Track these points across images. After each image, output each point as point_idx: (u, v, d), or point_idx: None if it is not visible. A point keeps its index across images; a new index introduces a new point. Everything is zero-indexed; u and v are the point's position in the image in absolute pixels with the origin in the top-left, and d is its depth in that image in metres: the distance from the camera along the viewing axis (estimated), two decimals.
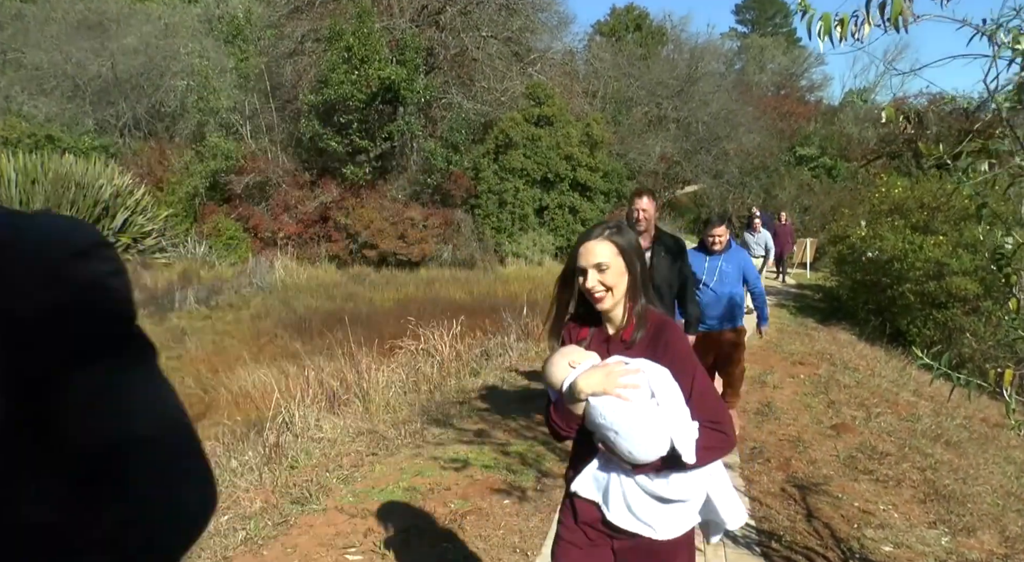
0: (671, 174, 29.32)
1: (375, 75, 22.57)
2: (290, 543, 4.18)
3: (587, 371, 2.09)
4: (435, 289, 19.72)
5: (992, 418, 8.44)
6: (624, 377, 2.03)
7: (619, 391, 2.02)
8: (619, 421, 1.99)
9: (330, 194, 23.97)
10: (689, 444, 1.99)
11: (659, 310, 2.25)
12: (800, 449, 6.17)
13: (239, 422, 7.48)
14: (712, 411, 2.09)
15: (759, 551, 4.26)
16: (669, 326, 2.18)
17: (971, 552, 4.44)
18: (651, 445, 1.99)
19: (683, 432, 1.99)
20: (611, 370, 2.06)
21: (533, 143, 23.84)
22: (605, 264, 2.12)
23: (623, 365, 2.08)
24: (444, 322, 9.82)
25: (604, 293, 2.14)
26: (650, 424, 1.98)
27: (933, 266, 13.17)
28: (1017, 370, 2.30)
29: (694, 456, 1.99)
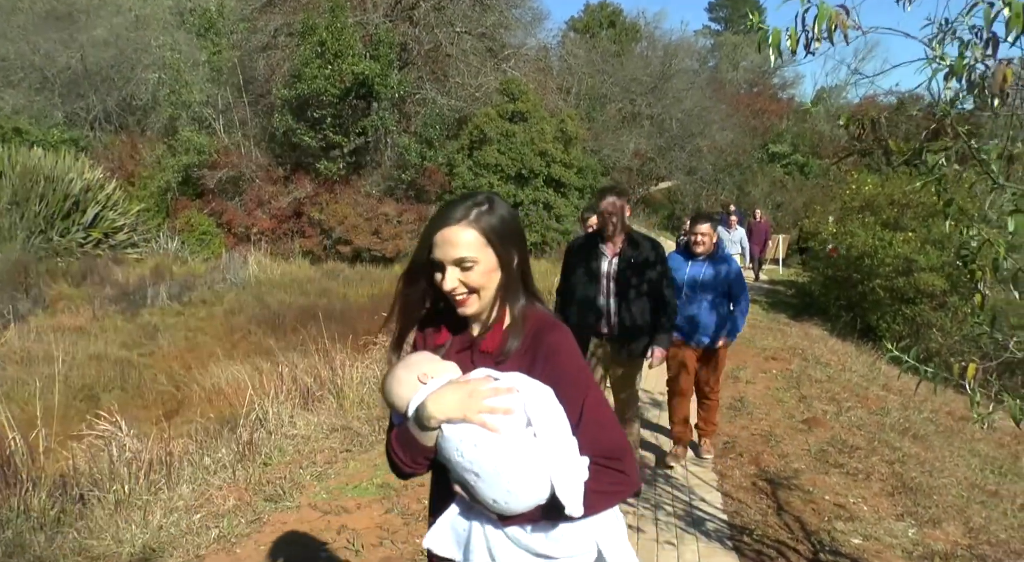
0: (645, 170, 29.46)
1: (349, 70, 22.42)
2: (263, 541, 4.16)
3: (441, 389, 1.60)
4: None
5: (958, 411, 8.58)
6: (491, 398, 1.55)
7: (483, 417, 1.53)
8: (482, 459, 1.52)
9: (304, 189, 23.79)
10: (575, 488, 1.52)
11: (544, 310, 1.77)
12: (772, 443, 6.24)
13: (212, 419, 7.42)
14: (608, 443, 1.61)
15: (731, 545, 4.30)
16: (553, 329, 1.70)
17: (936, 543, 4.51)
18: (525, 490, 1.52)
19: (567, 472, 1.52)
20: (474, 389, 1.57)
21: (507, 139, 23.81)
22: (470, 259, 1.63)
23: (491, 381, 1.60)
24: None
25: (467, 296, 1.67)
26: (523, 463, 1.51)
27: (902, 262, 13.36)
28: (981, 364, 2.34)
29: (580, 504, 1.51)
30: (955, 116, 2.37)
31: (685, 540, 4.35)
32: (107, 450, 5.35)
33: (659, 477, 5.37)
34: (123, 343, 13.71)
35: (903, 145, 2.69)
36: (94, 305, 16.46)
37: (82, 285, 18.45)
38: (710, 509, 4.77)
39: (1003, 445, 7.81)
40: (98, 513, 4.50)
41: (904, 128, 23.53)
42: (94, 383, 11.03)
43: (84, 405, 9.44)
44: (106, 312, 16.09)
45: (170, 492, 4.80)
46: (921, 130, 12.71)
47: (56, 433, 6.43)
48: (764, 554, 4.18)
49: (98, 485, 4.88)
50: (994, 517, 5.28)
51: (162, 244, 22.93)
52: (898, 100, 26.04)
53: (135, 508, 4.51)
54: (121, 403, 8.30)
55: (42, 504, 4.62)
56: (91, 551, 4.07)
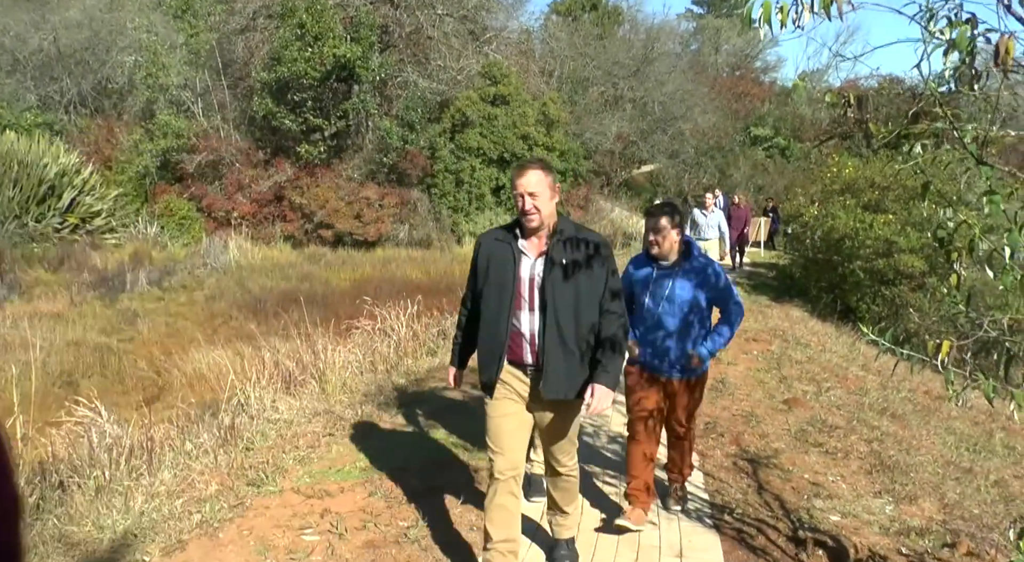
0: (627, 154, 29.44)
1: (329, 53, 22.22)
2: (246, 525, 4.16)
3: None
4: (391, 269, 19.60)
5: (935, 391, 8.70)
6: None
7: None
8: None
9: (284, 173, 23.63)
10: None
11: None
12: (753, 424, 6.30)
13: (194, 405, 7.38)
14: None
15: (711, 524, 4.35)
16: None
17: (912, 519, 4.59)
18: None
19: None
20: None
21: (489, 122, 23.73)
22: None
23: None
24: (401, 302, 9.76)
25: None
26: None
27: (882, 244, 13.49)
28: (956, 343, 2.37)
29: None
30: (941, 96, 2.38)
31: (666, 519, 4.39)
32: (86, 436, 5.32)
33: None
34: (102, 329, 13.61)
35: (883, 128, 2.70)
36: (72, 291, 16.31)
37: (59, 271, 18.28)
38: (691, 489, 4.81)
39: (978, 423, 7.93)
40: (78, 499, 4.47)
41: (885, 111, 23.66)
42: (72, 369, 10.95)
43: (62, 392, 9.38)
44: (84, 298, 15.96)
45: (151, 478, 4.78)
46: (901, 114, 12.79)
47: (34, 420, 6.39)
48: (744, 532, 4.23)
49: (78, 471, 4.85)
50: (968, 493, 5.37)
51: (141, 229, 22.72)
52: (879, 83, 26.15)
53: (116, 494, 4.49)
54: (100, 389, 8.25)
55: (20, 491, 4.58)
56: (71, 538, 4.06)
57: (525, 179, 3.22)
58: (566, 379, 3.32)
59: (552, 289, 3.26)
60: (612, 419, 6.27)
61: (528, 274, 3.31)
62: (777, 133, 34.02)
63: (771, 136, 33.75)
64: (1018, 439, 7.40)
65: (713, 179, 28.91)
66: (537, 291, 3.30)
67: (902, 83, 24.88)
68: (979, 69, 2.22)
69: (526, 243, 3.35)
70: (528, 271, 3.31)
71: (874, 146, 20.28)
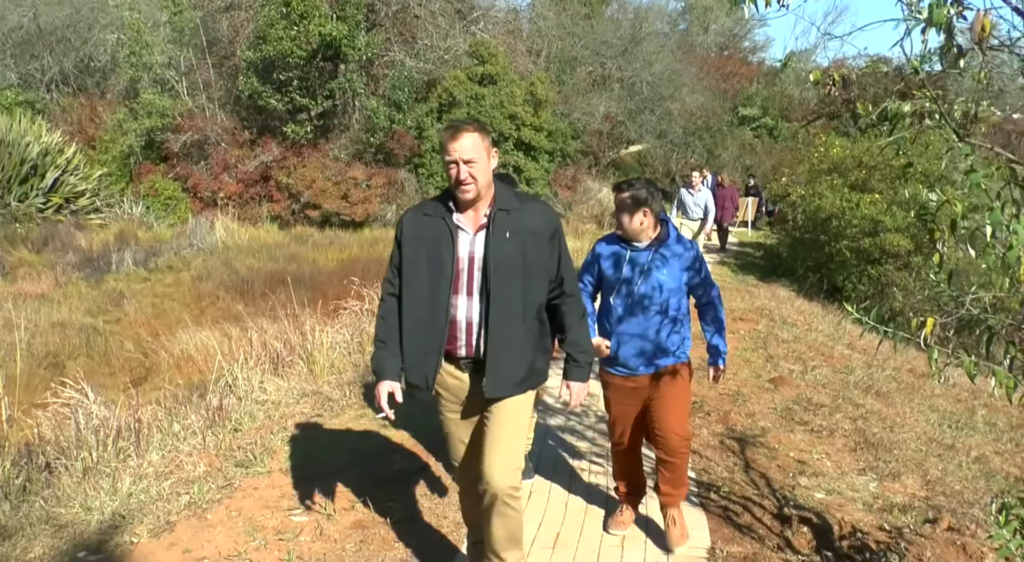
0: (615, 134, 29.33)
1: (315, 31, 22.00)
2: (235, 506, 4.16)
3: None
4: (379, 249, 19.52)
5: (919, 369, 8.78)
6: None
7: None
8: None
9: (271, 153, 23.45)
10: None
11: None
12: (739, 402, 6.35)
13: (181, 386, 7.37)
14: None
15: (698, 502, 4.39)
16: None
17: (896, 496, 4.64)
18: None
19: None
20: None
21: (477, 102, 23.60)
22: None
23: None
24: None
25: None
26: None
27: (869, 223, 13.55)
28: (939, 320, 2.39)
29: None
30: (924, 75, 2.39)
31: (653, 498, 4.42)
32: (73, 418, 5.30)
33: None
34: (88, 310, 13.53)
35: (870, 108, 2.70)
36: (56, 272, 16.19)
37: (43, 251, 18.13)
38: None
39: (960, 401, 8.02)
40: (65, 481, 4.47)
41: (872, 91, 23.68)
42: (58, 351, 10.89)
43: (48, 373, 9.33)
44: (69, 279, 15.84)
45: (139, 459, 4.78)
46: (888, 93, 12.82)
47: (20, 402, 6.37)
48: (730, 510, 4.28)
49: (65, 453, 4.84)
50: (950, 469, 5.44)
51: (126, 209, 22.52)
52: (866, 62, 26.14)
53: (103, 476, 4.49)
54: (87, 371, 8.20)
55: (6, 473, 4.57)
56: (59, 519, 4.05)
57: (459, 143, 2.74)
58: (512, 374, 2.89)
59: (496, 269, 2.81)
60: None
61: (467, 253, 2.85)
62: (765, 113, 33.99)
63: (759, 116, 33.73)
64: (999, 416, 7.49)
65: (701, 159, 28.90)
66: (478, 272, 2.84)
67: (889, 63, 24.87)
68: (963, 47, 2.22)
69: (462, 217, 2.88)
70: (467, 249, 2.85)
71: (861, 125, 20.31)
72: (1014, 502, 2.45)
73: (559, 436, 5.49)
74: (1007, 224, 2.19)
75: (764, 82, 37.61)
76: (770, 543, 3.91)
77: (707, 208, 12.00)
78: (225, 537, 3.83)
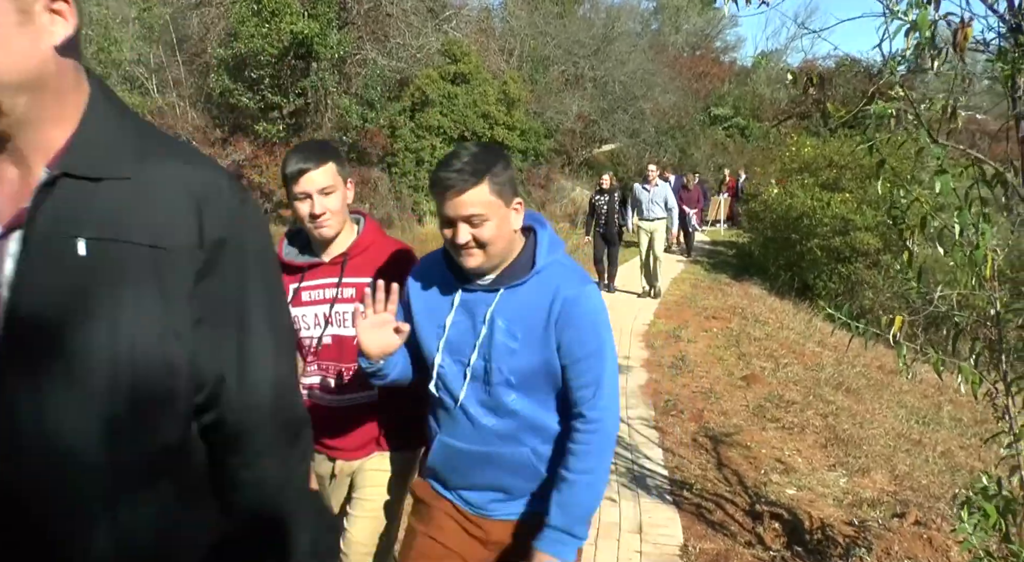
0: (588, 133, 29.41)
1: (287, 29, 21.85)
2: None
3: None
4: None
5: (888, 365, 8.90)
6: None
7: None
8: None
9: (243, 152, 23.24)
10: None
11: None
12: (712, 400, 6.39)
13: None
14: None
15: (671, 500, 4.41)
16: None
17: (865, 491, 4.70)
18: None
19: None
20: None
21: (450, 101, 23.58)
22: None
23: None
24: None
25: None
26: None
27: (839, 222, 13.70)
28: (908, 318, 2.42)
29: None
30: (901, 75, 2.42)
31: (627, 497, 4.44)
32: None
33: None
34: None
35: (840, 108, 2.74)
36: None
37: None
38: (651, 465, 4.87)
39: (927, 396, 8.14)
40: None
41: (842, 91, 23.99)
42: None
43: None
44: None
45: None
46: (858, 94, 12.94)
47: None
48: (703, 507, 4.30)
49: None
50: (917, 464, 5.52)
51: None
52: (837, 63, 26.48)
53: None
54: None
55: None
56: None
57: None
58: None
59: None
60: None
61: None
62: (737, 113, 34.27)
63: (731, 116, 33.99)
64: (964, 411, 7.62)
65: (674, 158, 29.08)
66: None
67: (859, 63, 25.21)
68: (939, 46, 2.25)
69: None
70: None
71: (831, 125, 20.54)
72: (977, 496, 2.49)
73: None
74: (974, 223, 2.22)
75: (736, 82, 37.91)
76: (742, 539, 3.94)
77: (668, 205, 10.75)
78: None
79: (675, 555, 3.78)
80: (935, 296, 2.49)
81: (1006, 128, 2.40)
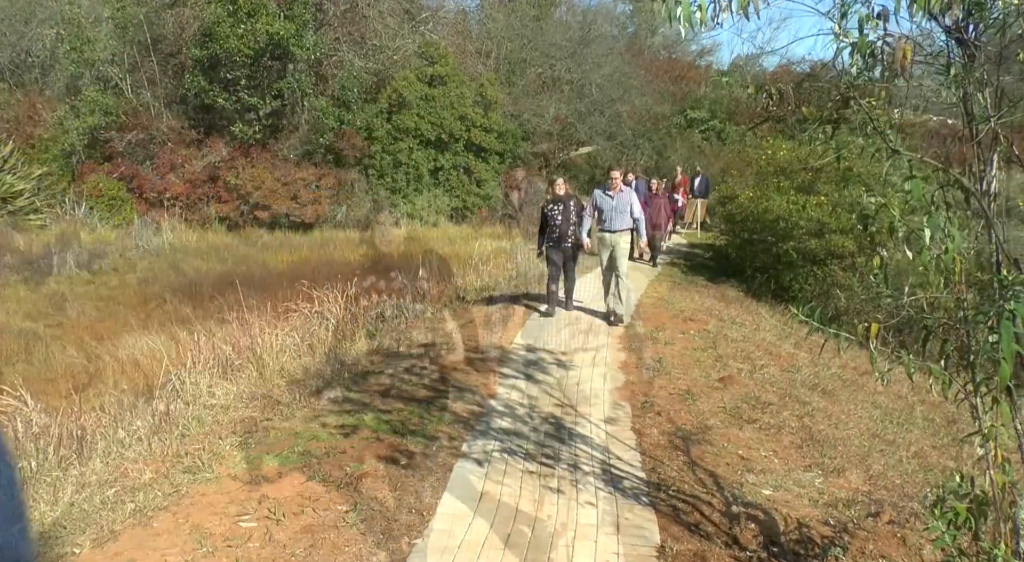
0: (565, 135, 29.48)
1: (263, 30, 21.72)
2: (181, 513, 4.08)
3: None
4: (329, 251, 19.37)
5: (862, 367, 9.00)
6: None
7: None
8: None
9: (219, 153, 23.07)
10: None
11: None
12: (689, 402, 6.43)
13: (126, 391, 7.20)
14: None
15: (647, 502, 4.43)
16: None
17: (840, 491, 4.76)
18: None
19: None
20: None
21: (427, 103, 23.56)
22: None
23: None
24: (338, 284, 9.67)
25: None
26: None
27: (815, 225, 13.84)
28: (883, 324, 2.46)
29: None
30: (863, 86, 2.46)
31: (603, 498, 4.46)
32: (11, 425, 5.14)
33: (576, 438, 5.48)
34: (27, 314, 13.13)
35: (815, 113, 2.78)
36: None
37: None
38: (628, 468, 4.89)
39: (901, 397, 8.24)
40: None
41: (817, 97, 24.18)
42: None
43: None
44: (7, 281, 15.35)
45: (82, 467, 4.66)
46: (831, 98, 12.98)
47: None
48: (679, 509, 4.33)
49: None
50: (891, 464, 5.59)
51: (68, 210, 21.91)
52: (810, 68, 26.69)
53: (44, 485, 4.37)
54: (27, 377, 7.96)
55: None
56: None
57: None
58: None
59: None
60: None
61: None
62: (713, 116, 34.47)
63: (707, 119, 34.17)
64: (936, 411, 7.72)
65: (651, 161, 29.21)
66: None
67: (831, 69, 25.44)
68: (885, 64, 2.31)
69: None
70: None
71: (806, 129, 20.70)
72: (948, 495, 2.53)
73: (507, 437, 5.50)
74: (943, 227, 2.26)
75: (712, 85, 38.14)
76: (718, 540, 3.97)
77: (634, 214, 9.31)
78: (171, 545, 3.75)
79: (652, 556, 3.80)
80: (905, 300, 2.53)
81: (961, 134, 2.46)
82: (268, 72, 23.15)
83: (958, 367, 2.58)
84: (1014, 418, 2.44)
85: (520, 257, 14.55)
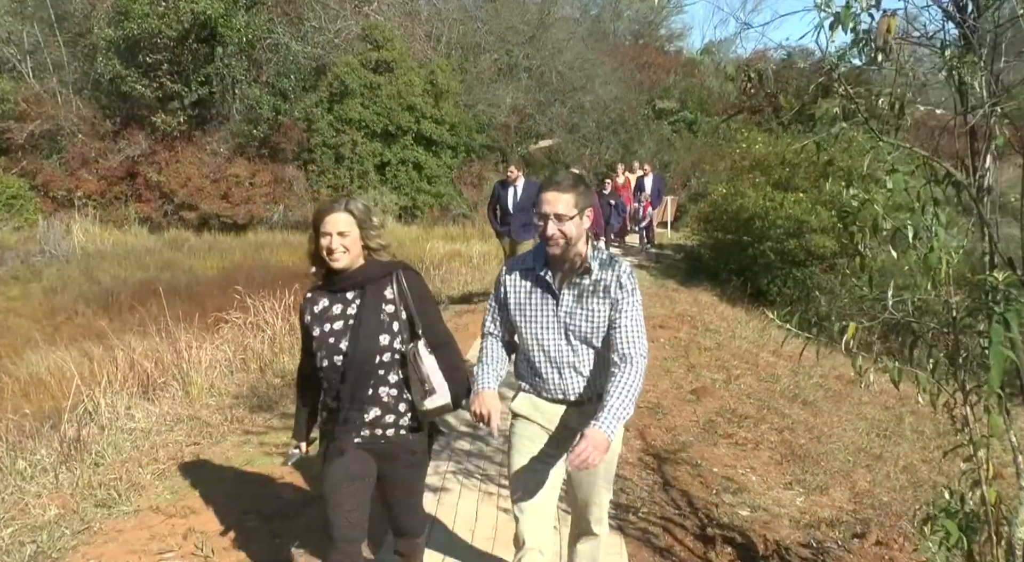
0: (524, 127, 29.56)
1: (186, 8, 21.41)
2: (93, 553, 3.97)
3: None
4: (265, 255, 19.16)
5: (846, 375, 9.14)
6: None
7: None
8: None
9: (138, 146, 22.69)
10: None
11: None
12: (659, 416, 6.46)
13: (29, 416, 7.00)
14: None
15: (615, 525, 4.43)
16: None
17: (823, 510, 4.81)
18: None
19: None
20: None
21: (372, 91, 23.42)
22: None
23: None
24: (276, 292, 9.54)
25: None
26: None
27: (793, 224, 14.01)
28: (862, 325, 2.49)
29: None
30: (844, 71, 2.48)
31: (568, 523, 4.44)
32: None
33: None
34: None
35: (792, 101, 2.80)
36: None
37: None
38: None
39: (888, 407, 8.39)
40: None
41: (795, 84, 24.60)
42: None
43: None
44: None
45: None
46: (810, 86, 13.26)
47: None
48: (650, 532, 4.34)
49: None
50: (878, 480, 5.68)
51: None
52: (788, 54, 27.15)
53: None
54: None
55: None
56: None
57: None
58: None
59: None
60: None
61: None
62: (684, 106, 34.83)
63: (677, 109, 34.52)
64: (926, 422, 7.87)
65: (616, 155, 29.39)
66: None
67: (811, 54, 25.91)
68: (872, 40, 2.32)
69: None
70: None
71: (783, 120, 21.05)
72: (939, 513, 2.56)
73: (464, 457, 5.47)
74: (929, 225, 2.29)
75: (682, 73, 38.54)
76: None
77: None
78: None
79: None
80: (890, 303, 2.56)
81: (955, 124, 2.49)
82: (194, 56, 22.81)
83: (946, 375, 2.61)
84: (1008, 429, 2.48)
85: (476, 259, 14.51)
